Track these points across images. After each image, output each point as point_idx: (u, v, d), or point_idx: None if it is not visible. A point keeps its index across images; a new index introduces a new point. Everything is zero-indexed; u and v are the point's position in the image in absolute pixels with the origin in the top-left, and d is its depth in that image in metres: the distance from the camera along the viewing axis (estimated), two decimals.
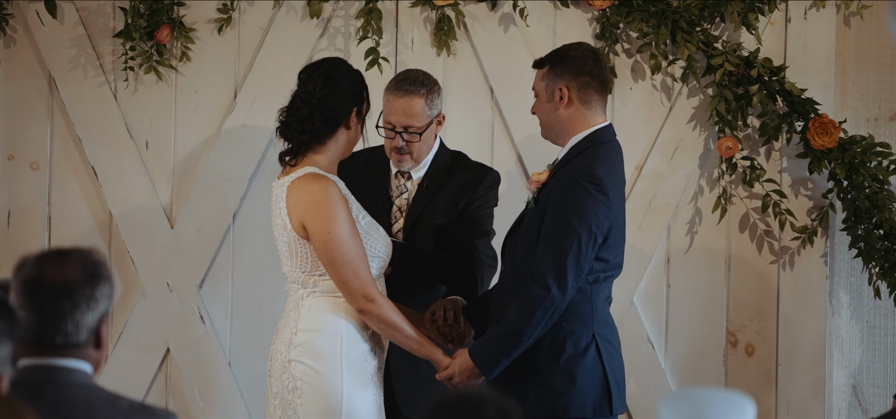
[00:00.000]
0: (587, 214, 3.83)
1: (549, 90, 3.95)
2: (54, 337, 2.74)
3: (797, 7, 4.87)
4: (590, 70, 3.93)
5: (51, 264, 2.76)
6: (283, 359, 3.99)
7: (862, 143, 4.77)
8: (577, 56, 3.95)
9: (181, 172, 4.94)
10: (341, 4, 4.90)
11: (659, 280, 4.94)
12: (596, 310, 3.94)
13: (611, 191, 3.88)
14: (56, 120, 4.94)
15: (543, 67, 3.99)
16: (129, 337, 4.94)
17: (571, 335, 3.91)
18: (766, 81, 4.78)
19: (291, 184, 3.95)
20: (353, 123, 4.00)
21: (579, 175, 3.85)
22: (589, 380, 3.91)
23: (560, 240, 3.82)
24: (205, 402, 4.93)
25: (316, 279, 3.98)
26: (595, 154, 3.90)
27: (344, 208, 3.93)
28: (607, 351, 3.96)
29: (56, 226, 4.95)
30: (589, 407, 3.92)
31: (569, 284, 3.82)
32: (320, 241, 3.90)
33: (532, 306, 3.82)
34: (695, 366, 4.93)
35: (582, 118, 3.94)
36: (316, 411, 3.93)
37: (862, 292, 4.92)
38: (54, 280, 2.74)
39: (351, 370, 3.96)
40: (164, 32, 4.81)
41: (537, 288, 3.81)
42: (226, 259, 4.95)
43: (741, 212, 4.92)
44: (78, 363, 2.78)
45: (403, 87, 4.34)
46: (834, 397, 4.93)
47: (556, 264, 3.81)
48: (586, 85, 3.93)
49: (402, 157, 4.36)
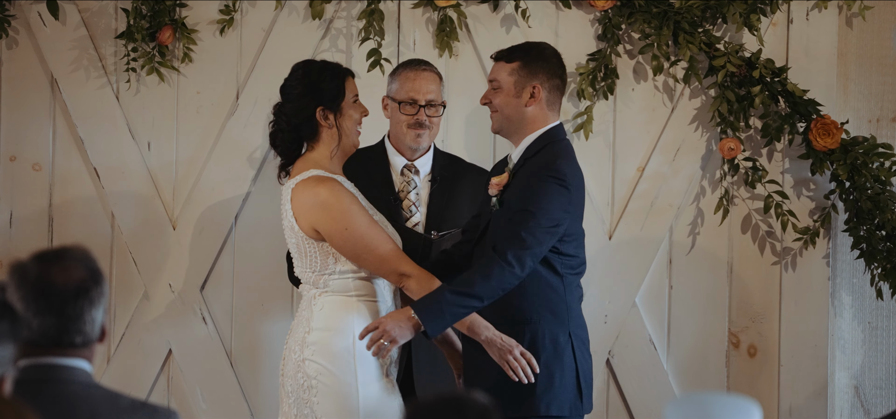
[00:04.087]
0: (548, 203, 3.92)
1: (519, 85, 4.02)
2: (75, 337, 2.77)
3: (799, 8, 4.87)
4: (560, 74, 4.07)
5: (54, 266, 2.77)
6: (296, 359, 4.01)
7: (864, 144, 4.77)
8: (551, 57, 4.06)
9: (183, 173, 4.94)
10: (343, 5, 4.90)
11: (661, 281, 4.94)
12: (570, 307, 4.04)
13: (572, 186, 3.97)
14: (58, 121, 4.94)
15: (512, 61, 4.04)
16: (131, 338, 4.94)
17: (550, 334, 3.99)
18: (768, 82, 4.78)
19: (295, 186, 3.99)
20: (328, 117, 4.03)
21: (544, 170, 3.95)
22: (566, 379, 4.00)
23: (520, 224, 3.90)
24: (207, 403, 4.94)
25: (326, 278, 4.01)
26: (556, 151, 4.00)
27: (353, 201, 3.97)
28: (581, 350, 4.05)
29: (58, 228, 4.95)
30: (566, 405, 4.01)
31: (527, 263, 3.89)
32: (339, 241, 3.95)
33: (491, 274, 3.88)
34: (697, 367, 4.93)
35: (543, 117, 4.04)
36: (333, 410, 3.96)
37: (864, 293, 4.92)
38: (67, 282, 2.76)
39: (364, 368, 3.98)
40: (166, 33, 4.81)
41: (500, 259, 3.88)
42: (228, 260, 4.95)
43: (743, 214, 4.92)
44: (78, 362, 2.80)
45: (422, 64, 4.48)
46: (836, 398, 4.93)
47: (517, 243, 3.88)
48: (557, 87, 4.05)
49: (422, 133, 4.44)
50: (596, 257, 4.90)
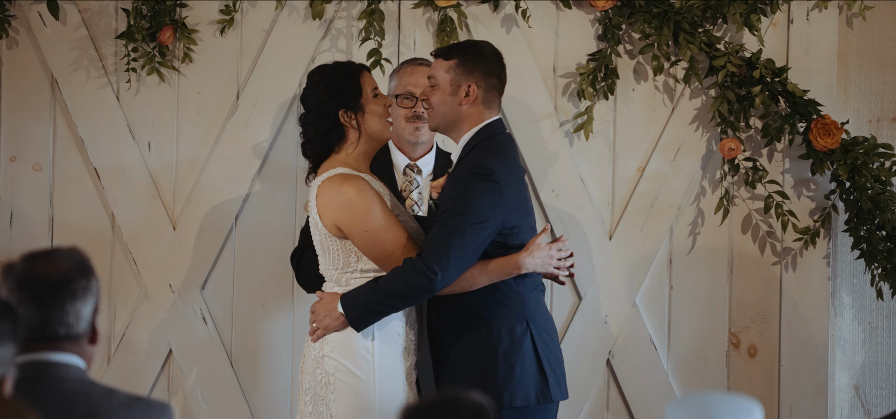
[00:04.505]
0: (475, 203, 3.96)
1: (455, 84, 4.08)
2: (57, 328, 2.78)
3: (799, 8, 4.87)
4: (498, 73, 4.13)
5: (41, 261, 2.81)
6: (316, 355, 4.04)
7: (864, 144, 4.77)
8: (489, 56, 4.13)
9: (183, 173, 4.94)
10: (343, 6, 4.90)
11: (661, 281, 4.94)
12: (524, 298, 4.08)
13: (503, 180, 4.00)
14: (58, 121, 4.94)
15: (450, 59, 4.10)
16: (131, 338, 4.94)
17: (506, 327, 4.05)
18: (768, 82, 4.78)
19: (321, 184, 4.02)
20: (351, 118, 4.05)
21: (470, 169, 4.00)
22: (527, 369, 4.05)
23: (446, 227, 3.95)
24: (207, 403, 4.93)
25: (348, 277, 4.03)
26: (486, 147, 4.05)
27: (376, 202, 3.98)
28: (541, 338, 4.09)
29: (58, 228, 4.94)
30: (531, 394, 4.06)
31: (451, 269, 3.93)
32: (360, 241, 3.98)
33: (411, 281, 3.92)
34: (697, 368, 4.93)
35: (479, 115, 4.09)
36: (350, 408, 3.98)
37: (864, 293, 4.92)
38: (50, 273, 2.78)
39: (384, 367, 4.01)
40: (166, 34, 4.81)
41: (423, 266, 3.91)
42: (228, 260, 4.95)
43: (743, 214, 4.92)
44: (73, 358, 2.81)
45: (417, 60, 4.53)
46: (836, 398, 4.93)
47: (442, 250, 3.92)
48: (493, 86, 4.11)
49: (420, 126, 4.46)
50: (596, 257, 4.90)
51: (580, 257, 4.89)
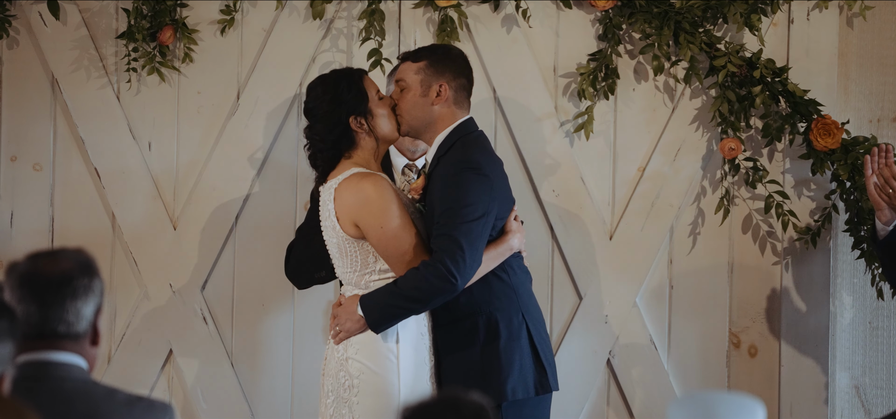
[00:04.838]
0: (471, 195, 3.98)
1: (425, 84, 4.12)
2: (57, 326, 2.77)
3: (800, 8, 4.87)
4: (467, 74, 4.18)
5: (44, 259, 2.80)
6: (339, 357, 4.04)
7: (865, 144, 4.77)
8: (457, 58, 4.18)
9: (184, 173, 4.94)
10: (344, 6, 4.90)
11: (662, 281, 4.94)
12: (517, 290, 4.13)
13: (491, 173, 4.05)
14: (59, 121, 4.94)
15: (419, 61, 4.14)
16: (131, 338, 4.94)
17: (504, 319, 4.08)
18: (768, 82, 4.78)
19: (339, 185, 4.01)
20: (361, 123, 4.05)
21: (459, 165, 4.02)
22: (525, 360, 4.09)
23: (450, 225, 3.95)
24: (207, 403, 4.93)
25: (368, 279, 4.04)
26: (466, 143, 4.08)
27: (393, 200, 3.99)
28: (535, 329, 4.14)
29: (59, 228, 4.94)
30: (531, 386, 4.10)
31: (468, 268, 3.94)
32: (375, 238, 3.98)
33: (432, 284, 3.91)
34: (698, 368, 4.93)
35: (452, 115, 4.13)
36: (373, 409, 3.99)
37: (865, 293, 4.92)
38: (52, 271, 2.77)
39: (407, 369, 4.02)
40: (166, 34, 4.81)
41: (443, 269, 3.91)
42: (228, 260, 4.94)
43: (744, 214, 4.92)
44: (74, 358, 2.80)
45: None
46: (837, 398, 4.93)
47: (456, 251, 3.92)
48: (463, 86, 4.16)
49: None
50: (596, 257, 4.90)
51: (581, 257, 4.90)
